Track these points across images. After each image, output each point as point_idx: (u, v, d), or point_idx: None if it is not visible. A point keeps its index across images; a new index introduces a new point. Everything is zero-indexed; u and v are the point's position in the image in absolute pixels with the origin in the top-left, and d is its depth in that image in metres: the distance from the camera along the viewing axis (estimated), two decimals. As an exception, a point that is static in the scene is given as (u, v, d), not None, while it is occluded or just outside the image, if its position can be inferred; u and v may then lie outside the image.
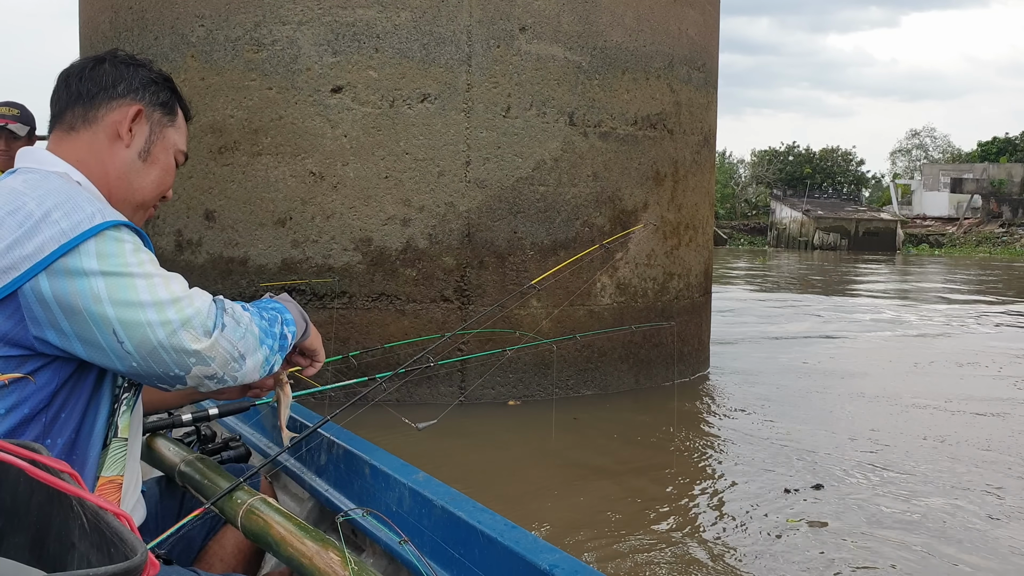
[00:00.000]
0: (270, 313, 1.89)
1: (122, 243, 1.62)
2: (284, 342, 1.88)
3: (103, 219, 1.61)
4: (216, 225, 6.25)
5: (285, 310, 1.95)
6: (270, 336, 1.83)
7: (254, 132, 6.11)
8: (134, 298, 1.59)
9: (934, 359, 9.13)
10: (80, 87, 1.86)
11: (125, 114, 1.86)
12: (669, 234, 6.99)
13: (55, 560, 1.00)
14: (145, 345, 1.59)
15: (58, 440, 1.65)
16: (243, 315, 1.77)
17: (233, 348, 1.70)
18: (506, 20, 6.11)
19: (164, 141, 1.94)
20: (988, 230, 50.29)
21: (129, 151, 1.87)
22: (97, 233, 1.59)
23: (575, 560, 1.61)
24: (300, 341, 2.03)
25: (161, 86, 1.95)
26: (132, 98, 1.88)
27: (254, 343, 1.76)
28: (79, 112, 1.85)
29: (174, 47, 6.24)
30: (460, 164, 6.06)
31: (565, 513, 4.24)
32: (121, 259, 1.60)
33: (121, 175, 1.86)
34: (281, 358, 1.87)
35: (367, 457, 2.23)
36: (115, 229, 1.62)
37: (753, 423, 6.01)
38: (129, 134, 1.87)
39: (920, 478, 4.82)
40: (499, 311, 5.72)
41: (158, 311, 1.60)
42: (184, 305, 1.63)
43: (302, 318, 2.01)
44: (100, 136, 1.85)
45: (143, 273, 1.61)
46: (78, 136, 1.84)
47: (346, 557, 1.73)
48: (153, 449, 2.47)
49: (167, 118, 1.95)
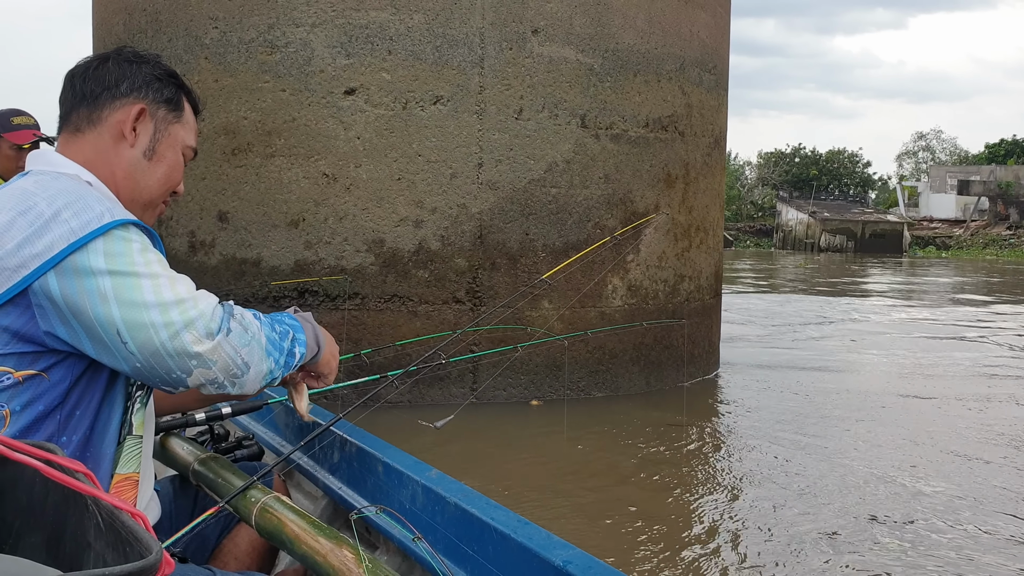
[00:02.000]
0: (283, 327, 1.88)
1: (130, 242, 1.63)
2: (291, 359, 1.87)
3: (112, 218, 1.62)
4: (229, 226, 6.27)
5: (300, 328, 1.93)
6: (277, 349, 1.81)
7: (267, 134, 6.13)
8: (139, 298, 1.59)
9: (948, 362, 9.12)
10: (84, 87, 1.87)
11: (128, 113, 1.87)
12: (680, 236, 6.99)
13: (71, 559, 1.01)
14: (148, 346, 1.60)
15: (73, 437, 1.66)
16: (252, 323, 1.77)
17: (236, 355, 1.69)
18: (519, 22, 6.12)
19: (170, 138, 1.93)
20: (995, 232, 50.00)
21: (134, 150, 1.88)
22: (105, 232, 1.60)
23: (589, 556, 1.61)
24: (309, 363, 2.02)
25: (166, 82, 1.94)
26: (136, 97, 1.88)
27: (260, 353, 1.75)
28: (84, 113, 1.86)
29: (188, 49, 6.27)
30: (472, 166, 6.07)
31: (576, 513, 4.25)
32: (128, 258, 1.61)
33: (127, 175, 1.87)
34: (284, 374, 1.85)
35: (380, 455, 2.23)
36: (123, 228, 1.63)
37: (765, 426, 5.99)
38: (133, 134, 1.87)
39: (955, 492, 4.81)
40: (509, 310, 5.73)
41: (162, 312, 1.60)
42: (188, 307, 1.63)
43: (315, 341, 2.00)
44: (105, 137, 1.86)
45: (149, 273, 1.62)
46: (84, 137, 1.85)
47: (360, 554, 1.73)
48: (167, 448, 2.48)
49: (173, 115, 1.94)
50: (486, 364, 5.96)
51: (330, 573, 1.75)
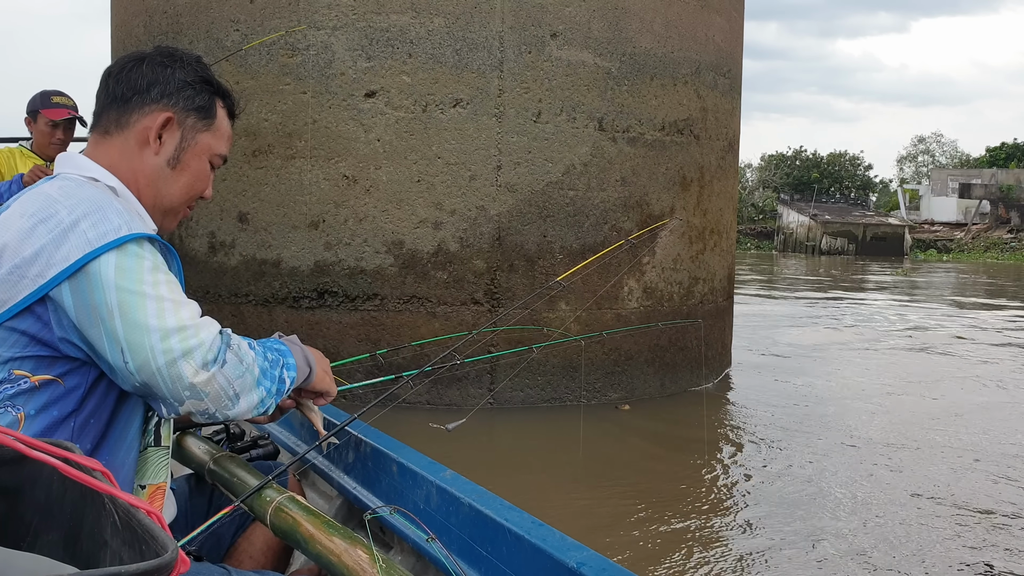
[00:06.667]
0: (273, 355, 1.86)
1: (141, 259, 1.63)
2: (282, 386, 1.85)
3: (128, 231, 1.62)
4: (249, 227, 6.31)
5: (289, 353, 1.92)
6: (269, 378, 1.80)
7: (288, 136, 6.17)
8: (142, 320, 1.60)
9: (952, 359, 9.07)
10: (116, 89, 1.86)
11: (155, 120, 1.85)
12: (695, 239, 6.98)
13: (88, 557, 1.02)
14: (145, 369, 1.60)
15: (87, 444, 1.67)
16: (248, 353, 1.76)
17: (229, 386, 1.69)
18: (538, 26, 6.13)
19: (197, 147, 1.91)
20: (996, 236, 49.64)
21: (158, 158, 1.86)
22: (119, 246, 1.61)
23: (603, 558, 1.61)
24: (303, 385, 2.01)
25: (199, 88, 1.91)
26: (165, 104, 1.86)
27: (251, 383, 1.74)
28: (113, 116, 1.85)
29: (209, 51, 6.30)
30: (491, 168, 6.09)
31: (589, 515, 4.25)
32: (137, 275, 1.61)
33: (149, 182, 1.86)
34: (276, 402, 1.83)
35: (394, 455, 2.24)
36: (137, 244, 1.63)
37: (778, 430, 5.99)
38: (158, 142, 1.86)
39: (961, 497, 4.79)
40: (526, 310, 5.74)
41: (162, 338, 1.60)
42: (189, 335, 1.63)
43: (306, 363, 1.99)
44: (131, 142, 1.85)
45: (155, 295, 1.62)
46: (112, 141, 1.85)
47: (374, 554, 1.74)
48: (183, 447, 2.49)
49: (203, 123, 1.91)
50: (504, 365, 5.97)
51: (344, 573, 1.76)
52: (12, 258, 1.60)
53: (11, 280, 1.59)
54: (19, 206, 1.68)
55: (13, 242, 1.61)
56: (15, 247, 1.61)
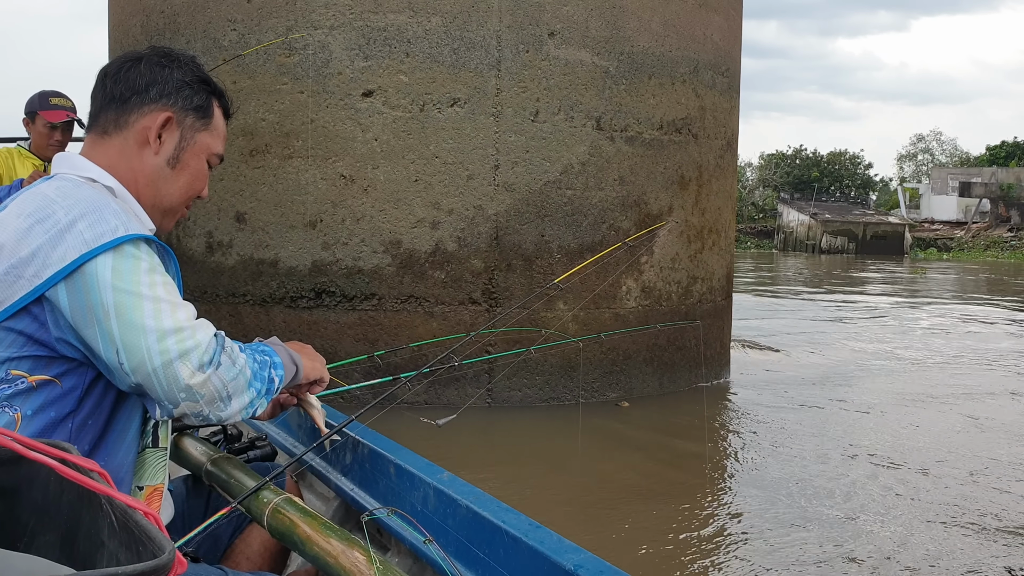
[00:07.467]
0: (261, 357, 1.87)
1: (138, 260, 1.63)
2: (271, 386, 1.86)
3: (125, 232, 1.62)
4: (247, 227, 6.30)
5: (274, 354, 1.92)
6: (259, 380, 1.81)
7: (285, 135, 6.16)
8: (138, 321, 1.60)
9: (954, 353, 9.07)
10: (114, 89, 1.86)
11: (155, 120, 1.85)
12: (693, 238, 6.98)
13: (85, 558, 1.02)
14: (141, 370, 1.60)
15: (85, 446, 1.67)
16: (240, 356, 1.76)
17: (223, 388, 1.69)
18: (535, 25, 6.13)
19: (196, 147, 1.92)
20: (996, 234, 49.68)
21: (158, 158, 1.87)
22: (116, 246, 1.61)
23: (600, 560, 1.61)
24: (291, 384, 2.02)
25: (196, 88, 1.93)
26: (164, 103, 1.87)
27: (243, 385, 1.75)
28: (112, 116, 1.85)
29: (206, 51, 6.29)
30: (489, 168, 6.09)
31: (588, 517, 4.25)
32: (134, 277, 1.61)
33: (149, 181, 1.86)
34: (266, 402, 1.84)
35: (392, 456, 2.24)
36: (134, 245, 1.64)
37: (779, 429, 5.99)
38: (158, 141, 1.86)
39: (959, 504, 4.79)
40: (523, 311, 5.74)
41: (158, 339, 1.60)
42: (185, 336, 1.63)
43: (292, 362, 1.99)
44: (130, 142, 1.85)
45: (151, 296, 1.62)
46: (110, 141, 1.85)
47: (371, 556, 1.74)
48: (180, 448, 2.49)
49: (201, 122, 1.93)
50: (502, 365, 5.97)
51: (341, 575, 1.76)
52: (9, 258, 1.60)
53: (7, 280, 1.59)
54: (16, 206, 1.68)
55: (10, 242, 1.61)
56: (12, 247, 1.60)
